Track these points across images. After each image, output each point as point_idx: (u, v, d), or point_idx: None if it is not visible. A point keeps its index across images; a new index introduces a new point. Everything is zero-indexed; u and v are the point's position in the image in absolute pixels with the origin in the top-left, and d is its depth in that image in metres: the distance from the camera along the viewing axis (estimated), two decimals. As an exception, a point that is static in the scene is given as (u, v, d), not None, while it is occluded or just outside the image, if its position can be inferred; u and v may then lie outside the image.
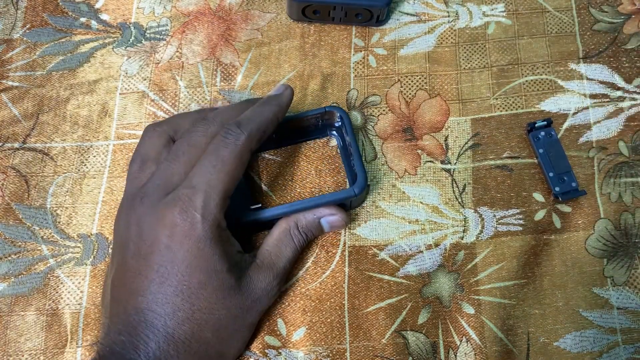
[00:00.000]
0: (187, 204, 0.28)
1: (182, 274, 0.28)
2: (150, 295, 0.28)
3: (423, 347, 0.32)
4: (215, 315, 0.28)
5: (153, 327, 0.27)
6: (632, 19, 0.39)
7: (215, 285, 0.28)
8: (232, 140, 0.29)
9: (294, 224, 0.32)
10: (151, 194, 0.29)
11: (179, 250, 0.28)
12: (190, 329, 0.28)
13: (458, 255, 0.34)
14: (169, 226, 0.28)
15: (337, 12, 0.38)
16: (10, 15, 0.42)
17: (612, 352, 0.31)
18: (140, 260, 0.28)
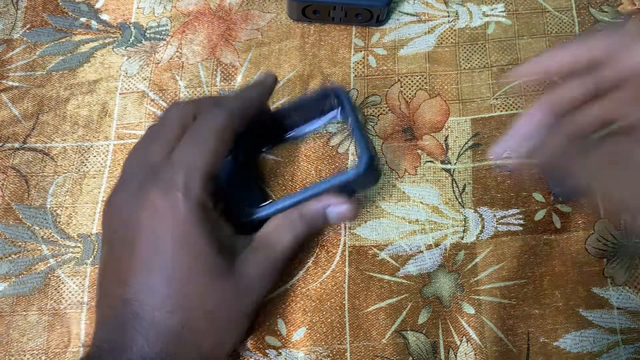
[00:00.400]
0: (167, 184, 0.26)
1: (168, 259, 0.26)
2: (136, 284, 0.26)
3: (423, 347, 0.32)
4: (207, 302, 0.27)
5: (140, 319, 0.26)
6: (632, 19, 0.39)
7: (205, 269, 0.27)
8: (211, 118, 0.29)
9: (297, 211, 0.30)
10: (130, 179, 0.28)
11: (163, 233, 0.26)
12: (182, 318, 0.26)
13: (458, 255, 0.34)
14: (150, 208, 0.26)
15: (337, 12, 0.38)
16: (10, 15, 0.42)
17: (612, 352, 0.31)
18: (125, 248, 0.27)
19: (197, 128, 0.28)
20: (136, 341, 0.25)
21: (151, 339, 0.25)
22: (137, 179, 0.28)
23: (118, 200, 0.28)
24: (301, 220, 0.30)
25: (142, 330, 0.25)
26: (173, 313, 0.26)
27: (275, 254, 0.29)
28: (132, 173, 0.28)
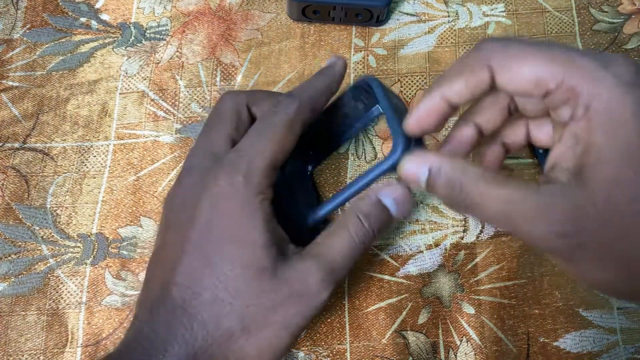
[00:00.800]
0: (231, 168, 0.26)
1: (215, 243, 0.25)
2: (179, 267, 0.25)
3: (423, 347, 0.32)
4: (241, 299, 0.25)
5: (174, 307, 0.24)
6: (632, 19, 0.39)
7: (248, 261, 0.25)
8: (282, 108, 0.27)
9: (350, 211, 0.27)
10: (195, 164, 0.28)
11: (217, 215, 0.25)
12: (212, 310, 0.25)
13: (458, 255, 0.34)
14: (212, 191, 0.26)
15: (337, 12, 0.38)
16: (10, 15, 0.42)
17: (612, 352, 0.31)
18: (180, 231, 0.26)
19: (267, 116, 0.28)
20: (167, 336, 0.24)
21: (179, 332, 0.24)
22: (201, 167, 0.28)
23: (182, 187, 0.28)
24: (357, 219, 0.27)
25: (174, 321, 0.25)
26: (207, 304, 0.25)
27: (325, 263, 0.26)
28: (196, 163, 0.28)
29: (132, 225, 0.36)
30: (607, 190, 0.20)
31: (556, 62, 0.21)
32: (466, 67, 0.23)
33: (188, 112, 0.39)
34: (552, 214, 0.21)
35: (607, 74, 0.20)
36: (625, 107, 0.20)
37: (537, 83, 0.22)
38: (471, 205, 0.23)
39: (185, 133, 0.38)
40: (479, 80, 0.23)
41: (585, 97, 0.21)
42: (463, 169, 0.23)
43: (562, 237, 0.21)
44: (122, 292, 0.34)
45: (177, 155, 0.37)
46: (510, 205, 0.22)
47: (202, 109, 0.39)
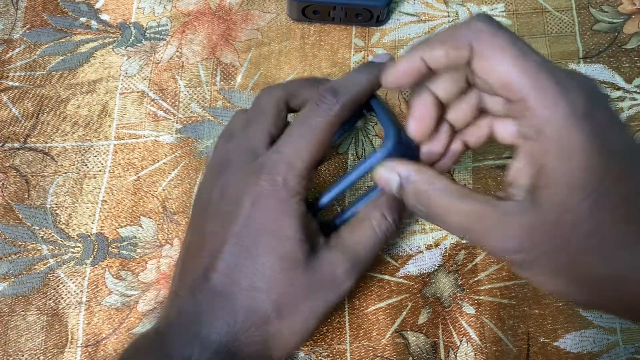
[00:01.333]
0: (271, 169, 0.27)
1: (255, 236, 0.27)
2: (220, 255, 0.27)
3: (423, 347, 0.32)
4: (276, 287, 0.27)
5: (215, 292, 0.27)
6: (632, 19, 0.39)
7: (283, 253, 0.27)
8: (325, 108, 0.28)
9: (373, 206, 0.29)
10: (236, 160, 0.29)
11: (257, 211, 0.27)
12: (250, 297, 0.27)
13: (458, 255, 0.34)
14: (253, 189, 0.27)
15: (337, 12, 0.38)
16: (10, 15, 0.42)
17: (612, 352, 0.31)
18: (219, 222, 0.28)
19: (308, 116, 0.28)
20: (210, 316, 0.26)
21: (220, 314, 0.26)
22: (240, 162, 0.29)
23: (222, 180, 0.29)
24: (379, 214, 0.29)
25: (215, 304, 0.27)
26: (245, 292, 0.27)
27: (350, 255, 0.28)
28: (234, 157, 0.29)
29: (132, 225, 0.36)
30: (555, 213, 0.21)
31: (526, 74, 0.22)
32: (450, 39, 0.23)
33: (188, 112, 0.39)
34: (508, 231, 0.22)
35: (563, 102, 0.21)
36: (576, 138, 0.21)
37: (504, 86, 0.22)
38: (436, 216, 0.25)
39: (186, 133, 0.38)
40: (458, 55, 0.23)
41: (540, 120, 0.22)
42: (430, 180, 0.25)
43: (519, 252, 0.22)
44: (122, 292, 0.34)
45: (177, 155, 0.37)
46: (470, 220, 0.23)
47: (202, 109, 0.39)
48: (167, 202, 0.36)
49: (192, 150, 0.37)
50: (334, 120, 0.28)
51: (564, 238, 0.21)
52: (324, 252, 0.28)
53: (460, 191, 0.24)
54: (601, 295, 0.23)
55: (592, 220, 0.21)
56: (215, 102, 0.39)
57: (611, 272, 0.22)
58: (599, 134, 0.21)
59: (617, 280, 0.22)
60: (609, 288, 0.22)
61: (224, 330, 0.26)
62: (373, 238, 0.29)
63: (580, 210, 0.21)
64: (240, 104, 0.39)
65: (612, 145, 0.22)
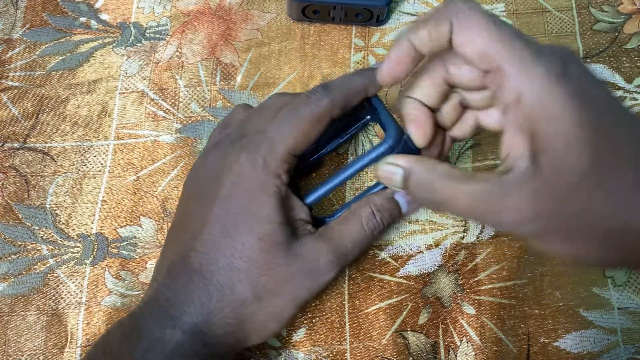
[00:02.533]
0: (252, 148, 0.28)
1: (234, 216, 0.27)
2: (200, 235, 0.27)
3: (423, 347, 0.32)
4: (255, 268, 0.27)
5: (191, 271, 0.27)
6: (633, 19, 0.39)
7: (261, 235, 0.27)
8: (314, 100, 0.28)
9: (365, 201, 0.30)
10: (225, 142, 0.30)
11: (237, 191, 0.27)
12: (227, 276, 0.27)
13: (458, 256, 0.34)
14: (233, 167, 0.28)
15: (337, 12, 0.38)
16: (10, 15, 0.42)
17: (613, 352, 0.31)
18: (201, 202, 0.28)
19: (297, 105, 0.29)
20: (184, 297, 0.27)
21: (196, 294, 0.27)
22: (227, 143, 0.29)
23: (207, 161, 0.30)
24: (371, 211, 0.29)
25: (191, 284, 0.27)
26: (222, 270, 0.27)
27: (336, 246, 0.28)
28: (224, 139, 0.30)
29: (132, 225, 0.36)
30: (558, 173, 0.22)
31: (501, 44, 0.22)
32: (432, 18, 0.24)
33: (188, 111, 0.39)
34: (516, 202, 0.22)
35: (537, 66, 0.22)
36: (556, 97, 0.21)
37: (481, 57, 0.23)
38: (443, 202, 0.25)
39: (185, 133, 0.38)
40: (440, 32, 0.24)
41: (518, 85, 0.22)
42: (432, 168, 0.25)
43: (529, 221, 0.22)
44: (122, 292, 0.34)
45: (177, 155, 0.37)
46: (478, 199, 0.23)
47: (202, 109, 0.39)
48: (167, 202, 0.36)
49: (191, 150, 0.37)
50: (321, 112, 0.28)
51: (571, 196, 0.22)
52: (308, 240, 0.28)
53: (463, 174, 0.24)
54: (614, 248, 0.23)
55: (595, 172, 0.21)
56: (215, 102, 0.39)
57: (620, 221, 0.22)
58: (578, 91, 0.22)
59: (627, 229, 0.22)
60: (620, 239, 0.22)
61: (197, 310, 0.26)
62: (360, 233, 0.29)
63: (581, 165, 0.21)
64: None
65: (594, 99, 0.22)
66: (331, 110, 0.28)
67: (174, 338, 0.26)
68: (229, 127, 0.32)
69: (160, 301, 0.27)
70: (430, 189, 0.25)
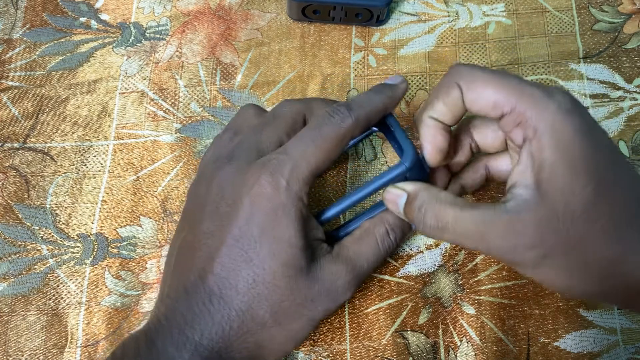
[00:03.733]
0: (275, 169, 0.27)
1: (255, 239, 0.26)
2: (218, 257, 0.26)
3: (423, 347, 0.32)
4: (276, 294, 0.26)
5: (211, 294, 0.26)
6: (633, 19, 0.39)
7: (284, 260, 0.26)
8: (338, 120, 0.28)
9: (379, 221, 0.30)
10: (239, 156, 0.29)
11: (257, 213, 0.26)
12: (248, 302, 0.26)
13: (458, 256, 0.34)
14: (253, 188, 0.27)
15: (337, 12, 0.38)
16: (10, 15, 0.42)
17: (613, 352, 0.31)
18: (217, 221, 0.27)
19: (320, 124, 0.28)
20: (203, 319, 0.26)
21: (216, 318, 0.26)
22: (243, 159, 0.28)
23: (221, 176, 0.28)
24: (385, 230, 0.29)
25: (211, 307, 0.26)
26: (242, 295, 0.26)
27: (353, 267, 0.28)
28: (239, 154, 0.29)
29: (132, 225, 0.36)
30: (562, 202, 0.23)
31: (510, 90, 0.24)
32: (442, 89, 0.27)
33: (188, 111, 0.39)
34: (520, 228, 0.23)
35: (550, 102, 0.24)
36: (567, 128, 0.23)
37: (494, 106, 0.25)
38: (444, 227, 0.26)
39: (185, 133, 0.38)
40: (453, 98, 0.26)
41: (533, 120, 0.24)
42: (437, 194, 0.26)
43: (530, 248, 0.24)
44: (122, 292, 0.34)
45: (177, 155, 0.37)
46: (482, 224, 0.24)
47: (201, 109, 0.39)
48: (167, 202, 0.36)
49: (191, 149, 0.37)
50: (345, 133, 0.28)
51: (572, 225, 0.23)
52: (326, 262, 0.28)
53: (466, 202, 0.26)
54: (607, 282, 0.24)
55: (597, 204, 0.23)
56: (215, 101, 0.39)
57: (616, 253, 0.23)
58: (585, 127, 0.23)
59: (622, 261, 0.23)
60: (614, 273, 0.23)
61: (217, 335, 0.26)
62: (376, 253, 0.29)
63: (585, 195, 0.23)
64: (240, 104, 0.38)
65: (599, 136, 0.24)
66: (354, 130, 0.28)
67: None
68: (239, 133, 0.31)
69: (178, 321, 0.26)
70: (432, 213, 0.26)
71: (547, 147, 0.23)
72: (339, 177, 0.36)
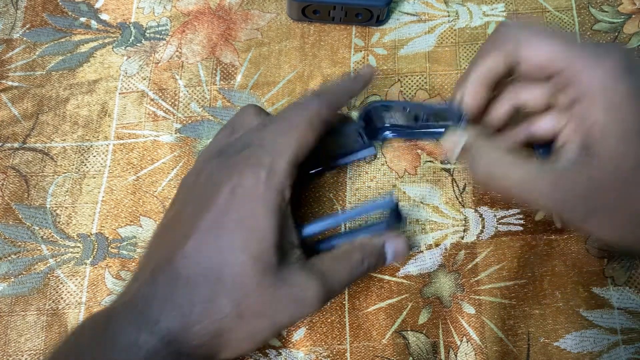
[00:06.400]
0: (256, 161, 0.27)
1: (230, 229, 0.26)
2: (191, 243, 0.26)
3: (423, 347, 0.32)
4: (242, 286, 0.26)
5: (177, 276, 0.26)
6: (633, 19, 0.39)
7: (255, 254, 0.26)
8: (304, 105, 0.29)
9: (359, 245, 0.30)
10: (228, 150, 0.29)
11: (236, 204, 0.27)
12: (213, 289, 0.26)
13: (458, 255, 0.34)
14: (235, 178, 0.27)
15: (337, 12, 0.38)
16: (10, 15, 0.42)
17: (613, 352, 0.31)
18: (196, 209, 0.28)
19: (289, 112, 0.29)
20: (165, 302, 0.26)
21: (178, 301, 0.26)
22: (233, 151, 0.29)
23: (205, 167, 0.29)
24: (361, 257, 0.30)
25: (175, 290, 0.26)
26: (209, 282, 0.26)
27: (325, 283, 0.28)
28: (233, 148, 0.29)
29: (132, 225, 0.36)
30: (614, 160, 0.24)
31: (564, 48, 0.25)
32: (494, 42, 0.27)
33: (188, 111, 0.39)
34: (568, 184, 0.24)
35: (604, 62, 0.24)
36: (619, 90, 0.23)
37: (550, 60, 0.25)
38: (496, 176, 0.27)
39: (185, 133, 0.38)
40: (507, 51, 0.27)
41: (584, 80, 0.24)
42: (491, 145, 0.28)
43: (580, 202, 0.25)
44: (122, 292, 0.34)
45: (177, 155, 0.37)
46: (532, 177, 0.25)
47: (201, 109, 0.39)
48: (167, 202, 0.36)
49: (191, 149, 0.37)
50: (313, 117, 0.29)
51: (622, 182, 0.24)
52: (299, 269, 0.28)
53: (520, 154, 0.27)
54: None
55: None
56: (215, 101, 0.39)
57: None
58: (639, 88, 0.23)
59: None
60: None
61: (177, 318, 0.25)
62: (348, 277, 0.29)
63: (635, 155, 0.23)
64: (240, 104, 0.38)
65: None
66: (323, 113, 0.29)
67: (149, 344, 0.25)
68: (237, 131, 0.31)
69: (139, 303, 0.26)
70: (486, 162, 0.27)
71: (598, 108, 0.24)
72: (339, 177, 0.36)
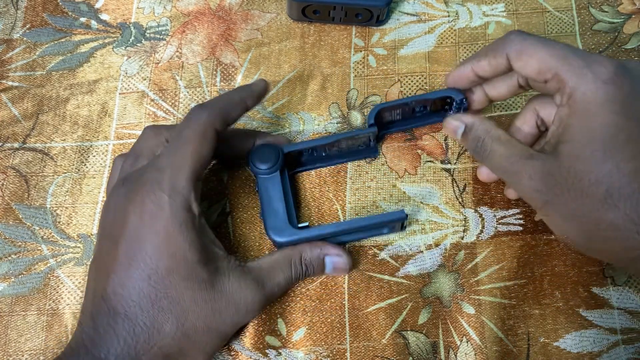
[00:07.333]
0: (154, 185, 0.27)
1: (150, 258, 0.27)
2: (116, 278, 0.27)
3: (423, 347, 0.32)
4: (181, 307, 0.27)
5: (116, 315, 0.26)
6: (632, 19, 0.39)
7: (184, 274, 0.27)
8: (193, 118, 0.29)
9: (298, 253, 0.31)
10: (130, 178, 0.29)
11: (147, 232, 0.27)
12: (153, 316, 0.27)
13: (458, 255, 0.34)
14: (138, 207, 0.27)
15: (337, 12, 0.38)
16: (10, 15, 0.42)
17: (613, 352, 0.31)
18: (112, 243, 0.28)
19: (179, 129, 0.30)
20: (109, 338, 0.26)
21: (122, 333, 0.26)
22: (134, 179, 0.29)
23: (112, 199, 0.29)
24: (300, 263, 0.31)
25: (115, 326, 0.26)
26: (146, 311, 0.26)
27: (263, 288, 0.29)
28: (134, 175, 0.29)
29: (132, 225, 0.36)
30: (571, 162, 0.26)
31: (554, 58, 0.27)
32: (491, 51, 0.30)
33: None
34: (533, 174, 0.27)
35: (589, 72, 0.25)
36: (597, 99, 0.25)
37: (539, 72, 0.27)
38: (487, 157, 0.30)
39: (185, 133, 0.38)
40: (498, 63, 0.29)
41: (569, 87, 0.26)
42: (488, 129, 0.30)
43: (537, 192, 0.27)
44: (122, 292, 0.34)
45: (177, 155, 0.37)
46: (509, 162, 0.28)
47: (202, 109, 0.39)
48: (167, 202, 0.36)
49: (192, 150, 0.37)
50: (203, 127, 0.29)
51: (575, 183, 0.25)
52: (236, 276, 0.29)
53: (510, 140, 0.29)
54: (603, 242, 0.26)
55: (600, 170, 0.25)
56: (215, 102, 0.39)
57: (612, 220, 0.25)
58: (620, 98, 0.25)
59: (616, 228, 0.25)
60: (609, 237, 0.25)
61: (124, 351, 0.26)
62: (287, 281, 0.31)
63: (591, 160, 0.25)
64: (240, 104, 0.38)
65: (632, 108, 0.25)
66: (212, 120, 0.30)
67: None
68: (140, 157, 0.31)
69: (85, 344, 0.26)
70: (481, 144, 0.30)
71: (575, 113, 0.26)
72: (339, 177, 0.36)
